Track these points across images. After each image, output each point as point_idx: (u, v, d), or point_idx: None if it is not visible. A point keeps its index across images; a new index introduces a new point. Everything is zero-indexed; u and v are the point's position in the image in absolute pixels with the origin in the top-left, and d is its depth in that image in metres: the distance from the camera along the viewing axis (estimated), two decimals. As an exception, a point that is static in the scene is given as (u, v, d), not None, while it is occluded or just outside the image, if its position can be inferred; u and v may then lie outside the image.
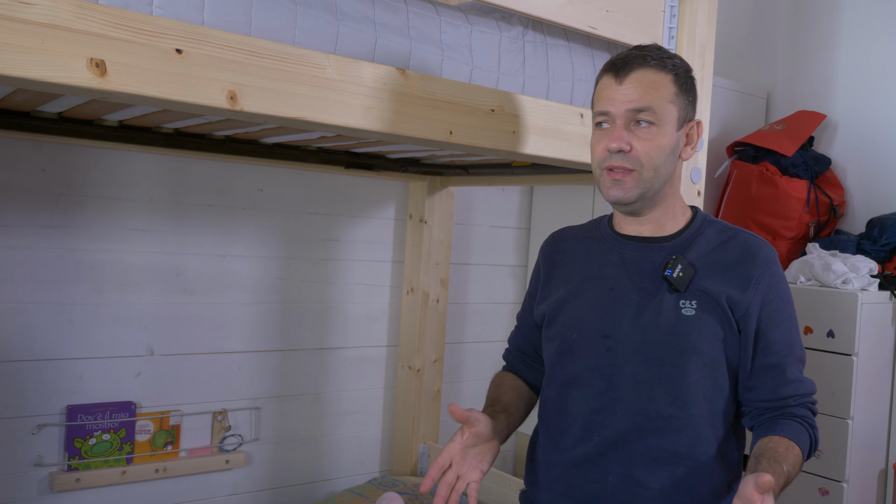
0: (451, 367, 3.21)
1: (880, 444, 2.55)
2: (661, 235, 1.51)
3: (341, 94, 1.43)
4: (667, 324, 1.42)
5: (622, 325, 1.45)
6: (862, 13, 3.02)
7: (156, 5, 1.26)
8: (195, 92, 1.27)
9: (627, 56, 1.46)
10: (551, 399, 1.55)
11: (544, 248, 1.69)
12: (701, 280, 1.44)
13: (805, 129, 2.94)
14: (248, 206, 2.65)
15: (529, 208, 3.43)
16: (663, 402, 1.42)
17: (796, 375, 1.46)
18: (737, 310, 1.43)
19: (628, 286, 1.48)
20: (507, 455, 3.44)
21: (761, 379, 1.45)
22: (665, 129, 1.44)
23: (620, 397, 1.44)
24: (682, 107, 1.47)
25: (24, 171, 2.25)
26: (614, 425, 1.44)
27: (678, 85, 1.46)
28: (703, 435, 1.42)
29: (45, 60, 1.12)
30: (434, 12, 1.65)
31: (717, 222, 1.55)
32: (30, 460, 2.29)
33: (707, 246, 1.49)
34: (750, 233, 1.52)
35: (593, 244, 1.59)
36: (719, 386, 1.44)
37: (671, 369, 1.42)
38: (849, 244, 2.70)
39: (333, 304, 2.87)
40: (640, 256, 1.50)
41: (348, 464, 2.96)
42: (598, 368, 1.46)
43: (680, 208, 1.54)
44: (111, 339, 2.40)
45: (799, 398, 1.45)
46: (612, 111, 1.44)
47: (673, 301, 1.43)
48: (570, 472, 1.48)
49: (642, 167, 1.42)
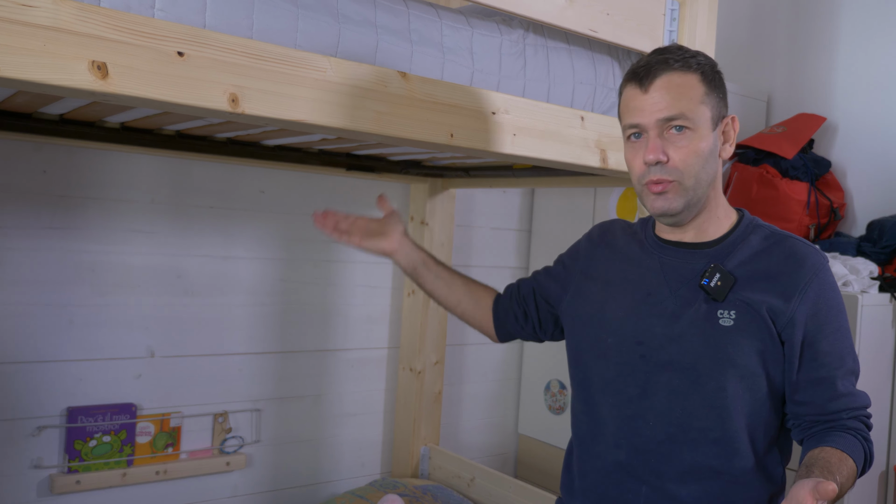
0: (452, 369, 3.21)
1: (881, 447, 2.54)
2: (702, 241, 1.46)
3: (342, 97, 1.44)
4: (702, 334, 1.38)
5: (656, 332, 1.42)
6: (861, 16, 3.02)
7: (157, 8, 1.26)
8: (197, 94, 1.27)
9: (649, 62, 1.40)
10: (584, 403, 1.53)
11: (591, 235, 1.66)
12: (741, 289, 1.38)
13: (805, 131, 2.94)
14: (250, 207, 2.65)
15: (530, 210, 3.43)
16: (697, 413, 1.38)
17: (848, 389, 1.38)
18: (779, 320, 1.37)
19: (665, 293, 1.44)
20: (508, 456, 3.44)
21: (810, 393, 1.37)
22: (700, 133, 1.38)
23: (653, 406, 1.41)
24: (714, 105, 1.41)
25: (25, 173, 2.25)
26: (646, 434, 1.41)
27: (706, 83, 1.40)
28: (740, 449, 1.38)
29: (46, 63, 1.13)
30: (435, 15, 1.65)
31: (763, 227, 1.48)
32: (30, 462, 2.29)
33: (749, 252, 1.42)
34: (799, 238, 1.45)
35: (635, 246, 1.55)
36: (759, 399, 1.39)
37: (707, 380, 1.37)
38: (849, 246, 2.70)
39: (334, 306, 2.87)
40: (679, 263, 1.46)
41: (349, 466, 2.96)
42: (632, 375, 1.43)
43: (723, 211, 1.48)
44: (112, 341, 2.41)
45: (852, 412, 1.38)
46: (643, 122, 1.39)
47: (710, 311, 1.39)
48: (604, 480, 1.46)
49: (682, 176, 1.37)
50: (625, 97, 1.44)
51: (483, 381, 3.34)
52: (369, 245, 1.71)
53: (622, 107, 1.46)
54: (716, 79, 1.42)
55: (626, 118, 1.44)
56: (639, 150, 1.41)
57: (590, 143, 1.86)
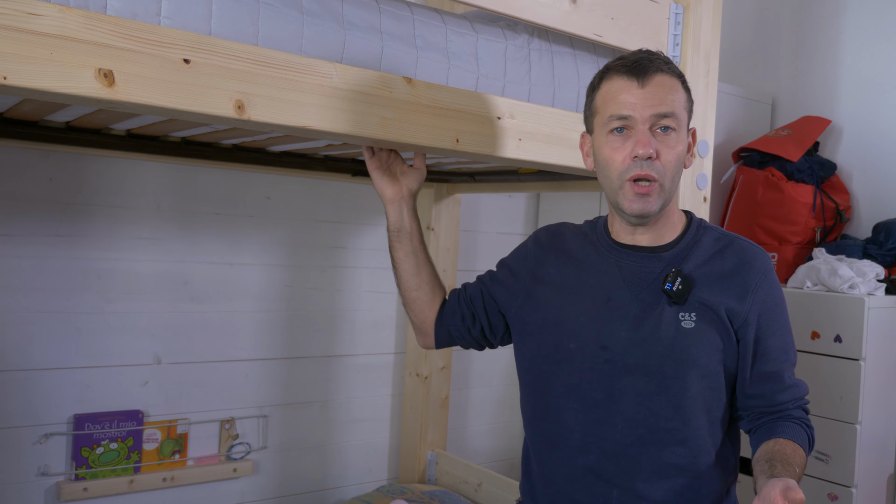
0: (459, 374, 3.21)
1: (889, 449, 2.54)
2: (658, 245, 1.49)
3: (348, 103, 1.44)
4: (667, 337, 1.41)
5: (620, 336, 1.44)
6: (866, 18, 3.02)
7: (164, 15, 1.27)
8: (203, 101, 1.27)
9: (640, 59, 1.41)
10: (542, 409, 1.52)
11: (539, 239, 1.63)
12: (699, 291, 1.43)
13: (810, 134, 2.94)
14: (256, 214, 2.65)
15: (536, 215, 3.43)
16: (664, 414, 1.41)
17: (793, 380, 1.47)
18: (735, 320, 1.43)
19: (627, 297, 1.46)
20: (515, 461, 3.43)
21: (761, 386, 1.45)
22: (681, 136, 1.42)
23: (620, 409, 1.43)
24: (689, 114, 1.47)
25: (32, 181, 2.26)
26: (614, 437, 1.43)
27: (686, 91, 1.45)
28: (703, 446, 1.42)
29: (53, 71, 1.13)
30: (440, 21, 1.66)
31: (711, 229, 1.53)
32: (37, 470, 2.30)
33: (704, 255, 1.47)
34: (745, 240, 1.51)
35: (590, 249, 1.55)
36: (717, 396, 1.44)
37: (672, 382, 1.41)
38: (855, 249, 2.69)
39: (341, 312, 2.87)
40: (638, 267, 1.48)
41: (356, 471, 2.96)
42: (597, 380, 1.44)
43: (677, 216, 1.53)
44: (118, 348, 2.41)
45: (797, 401, 1.46)
46: (635, 115, 1.39)
47: (672, 313, 1.42)
48: (572, 485, 1.47)
49: (664, 177, 1.40)
50: (612, 88, 1.43)
51: (489, 386, 3.34)
52: (377, 178, 1.68)
53: (605, 97, 1.44)
54: (689, 90, 1.48)
55: (611, 109, 1.42)
56: (623, 145, 1.41)
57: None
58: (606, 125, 1.43)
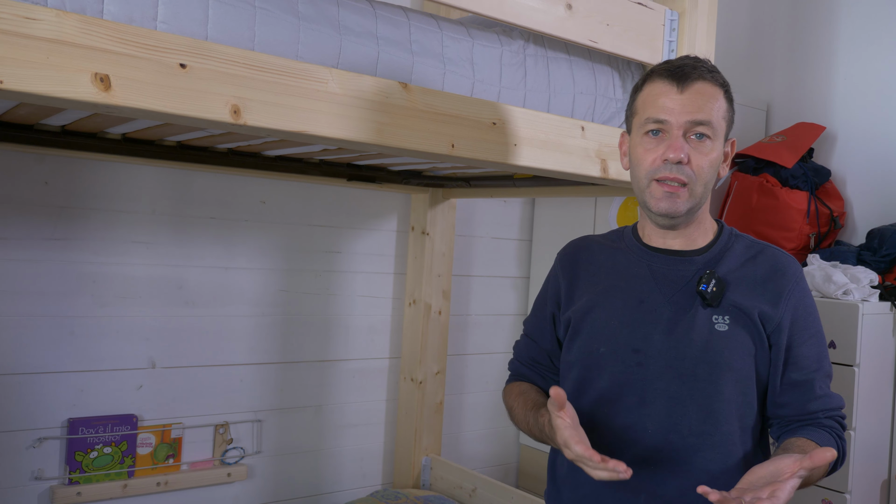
0: (454, 379, 3.21)
1: (883, 455, 2.54)
2: (691, 249, 1.48)
3: (343, 108, 1.44)
4: (700, 339, 1.40)
5: (653, 339, 1.42)
6: (860, 25, 3.03)
7: (160, 20, 1.27)
8: (199, 106, 1.28)
9: (684, 65, 1.42)
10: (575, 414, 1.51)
11: (565, 255, 1.62)
12: (732, 295, 1.42)
13: (805, 140, 2.95)
14: (251, 218, 2.65)
15: (531, 220, 3.43)
16: (696, 418, 1.39)
17: (825, 391, 1.43)
18: (768, 325, 1.42)
19: (659, 300, 1.45)
20: (510, 467, 3.43)
21: (790, 395, 1.43)
22: (717, 145, 1.42)
23: (652, 414, 1.41)
24: (729, 123, 1.46)
25: (27, 184, 2.26)
26: (646, 442, 1.41)
27: (727, 101, 1.45)
28: (733, 451, 1.40)
29: (49, 75, 1.13)
30: (436, 26, 1.66)
31: (743, 237, 1.52)
32: (31, 474, 2.29)
33: (736, 261, 1.46)
34: (777, 248, 1.50)
35: (618, 255, 1.54)
36: (749, 402, 1.42)
37: (705, 385, 1.39)
38: (849, 255, 2.70)
39: (335, 317, 2.87)
40: (670, 270, 1.47)
41: (350, 476, 2.95)
42: (629, 384, 1.42)
43: (709, 223, 1.52)
44: (112, 352, 2.41)
45: (828, 412, 1.43)
46: (671, 120, 1.39)
47: (706, 316, 1.41)
48: (600, 491, 1.45)
49: (695, 182, 1.40)
50: (653, 91, 1.43)
51: (484, 391, 3.34)
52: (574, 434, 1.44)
53: (645, 100, 1.45)
54: (732, 100, 1.47)
55: (649, 112, 1.42)
56: (655, 147, 1.42)
57: (590, 153, 1.87)
58: (643, 126, 1.44)
